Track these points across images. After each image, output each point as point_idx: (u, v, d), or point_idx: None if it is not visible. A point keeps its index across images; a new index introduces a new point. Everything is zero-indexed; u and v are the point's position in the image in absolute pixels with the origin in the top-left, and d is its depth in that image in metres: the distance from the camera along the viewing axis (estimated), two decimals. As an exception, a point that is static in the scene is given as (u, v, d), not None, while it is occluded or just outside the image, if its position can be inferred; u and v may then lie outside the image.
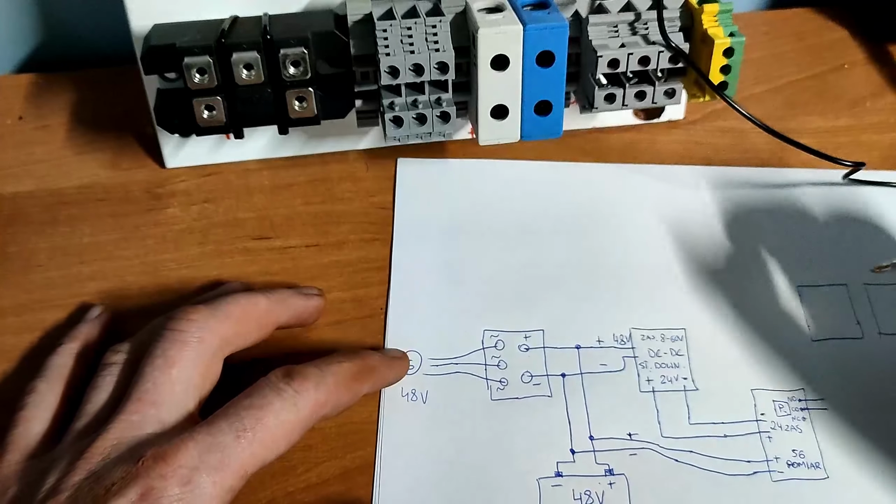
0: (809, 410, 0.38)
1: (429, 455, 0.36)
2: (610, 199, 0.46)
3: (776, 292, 0.42)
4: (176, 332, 0.34)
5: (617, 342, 0.40)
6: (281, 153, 0.48)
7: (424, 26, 0.40)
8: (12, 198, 0.46)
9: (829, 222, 0.46)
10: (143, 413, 0.32)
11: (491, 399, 0.38)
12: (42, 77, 0.53)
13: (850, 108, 0.52)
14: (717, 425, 0.38)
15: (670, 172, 0.48)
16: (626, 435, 0.37)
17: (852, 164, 0.45)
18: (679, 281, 0.43)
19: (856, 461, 0.37)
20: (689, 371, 0.39)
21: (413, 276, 0.43)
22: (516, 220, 0.45)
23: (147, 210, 0.46)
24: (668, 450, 0.37)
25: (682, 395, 0.39)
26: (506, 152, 0.49)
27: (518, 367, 0.39)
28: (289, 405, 0.32)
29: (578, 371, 0.39)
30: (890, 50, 0.56)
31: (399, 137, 0.42)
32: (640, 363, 0.40)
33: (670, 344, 0.40)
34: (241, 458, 0.31)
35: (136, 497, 0.29)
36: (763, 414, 0.38)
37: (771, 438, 0.37)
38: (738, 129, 0.50)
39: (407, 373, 0.39)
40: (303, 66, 0.40)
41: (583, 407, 0.38)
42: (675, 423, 0.37)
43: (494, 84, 0.41)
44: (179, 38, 0.40)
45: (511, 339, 0.40)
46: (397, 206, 0.46)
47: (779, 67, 0.55)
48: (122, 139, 0.49)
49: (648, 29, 0.43)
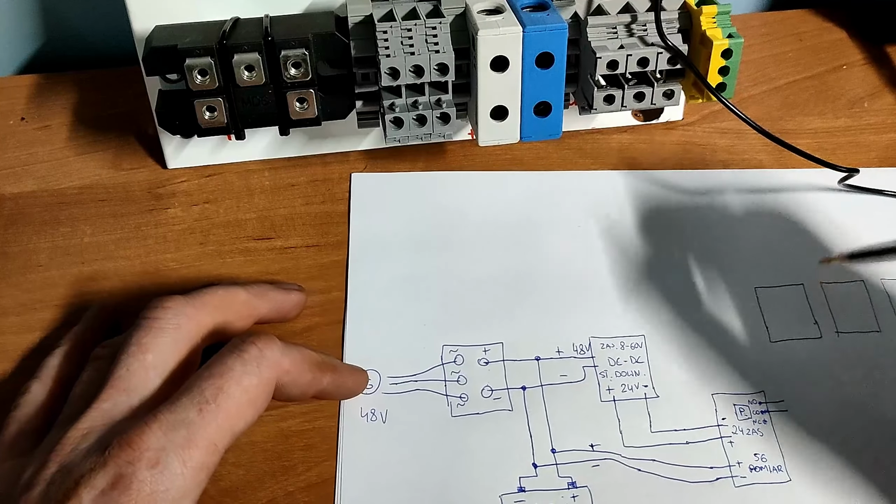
0: (770, 413, 0.38)
1: (389, 476, 0.36)
2: (567, 208, 0.46)
3: (734, 295, 0.42)
4: (150, 320, 0.34)
5: (576, 352, 0.40)
6: (282, 154, 0.48)
7: (424, 28, 0.40)
8: (14, 198, 0.46)
9: (785, 223, 0.45)
10: (115, 400, 0.32)
11: (451, 416, 0.38)
12: (44, 78, 0.54)
13: (848, 109, 0.52)
14: (678, 432, 0.37)
15: (625, 178, 0.48)
16: (589, 446, 0.37)
17: (847, 170, 0.45)
18: (638, 287, 0.42)
19: (817, 462, 0.37)
20: (650, 378, 0.39)
21: (370, 293, 0.42)
22: (474, 233, 0.45)
23: (148, 210, 0.46)
24: (630, 459, 0.36)
25: (643, 403, 0.38)
26: (505, 153, 0.49)
27: (478, 382, 0.39)
28: (251, 369, 0.32)
29: (539, 383, 0.39)
30: (888, 51, 0.56)
31: (399, 138, 0.42)
32: (600, 372, 0.39)
33: (630, 351, 0.40)
34: (208, 431, 0.30)
35: (106, 486, 0.29)
36: (724, 418, 0.38)
37: (733, 443, 0.37)
38: (737, 129, 0.50)
39: (365, 391, 0.38)
40: (304, 68, 0.40)
41: (544, 420, 0.37)
42: (636, 432, 0.37)
43: (494, 85, 0.41)
44: (181, 40, 0.40)
45: (470, 353, 0.40)
46: (353, 223, 0.45)
47: (777, 68, 0.55)
48: (124, 140, 0.49)
49: (647, 30, 0.43)
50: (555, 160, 0.49)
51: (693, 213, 0.46)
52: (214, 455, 0.31)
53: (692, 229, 0.45)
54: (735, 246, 0.44)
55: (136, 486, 0.29)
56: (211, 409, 0.31)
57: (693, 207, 0.46)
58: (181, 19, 0.42)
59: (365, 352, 0.39)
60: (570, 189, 0.47)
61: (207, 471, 0.31)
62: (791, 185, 0.47)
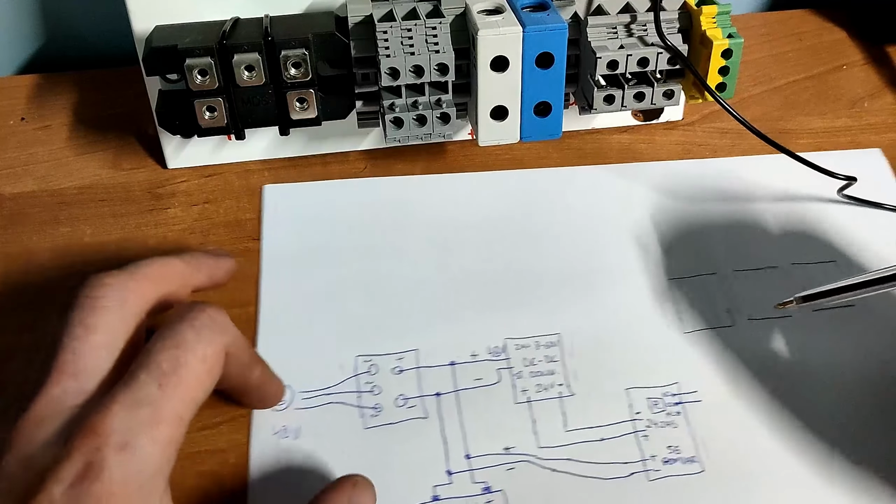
0: (684, 404, 0.38)
1: (302, 494, 0.33)
2: (476, 209, 0.45)
3: (648, 287, 0.42)
4: (93, 299, 0.32)
5: (491, 355, 0.39)
6: (282, 154, 0.48)
7: (424, 28, 0.40)
8: (14, 198, 0.46)
9: (698, 212, 0.45)
10: (64, 385, 0.30)
11: (364, 428, 0.37)
12: (44, 78, 0.54)
13: (848, 109, 0.52)
14: (593, 429, 0.37)
15: (536, 176, 0.47)
16: (503, 449, 0.36)
17: (846, 178, 0.45)
18: (553, 284, 0.42)
19: (730, 452, 0.36)
20: (564, 377, 0.39)
21: (283, 307, 0.41)
22: (386, 240, 0.44)
23: (148, 210, 0.46)
24: (544, 460, 0.36)
25: (558, 403, 0.38)
26: (505, 153, 0.49)
27: (392, 391, 0.38)
28: (205, 336, 0.31)
29: (453, 388, 0.38)
30: (888, 51, 0.56)
31: (399, 138, 0.42)
32: (514, 374, 0.39)
33: (545, 351, 0.40)
34: (172, 405, 0.29)
35: (74, 477, 0.27)
36: (638, 413, 0.37)
37: (647, 437, 0.37)
38: (737, 130, 0.50)
39: (276, 408, 0.37)
40: (304, 68, 0.40)
41: (458, 425, 0.37)
42: (551, 432, 0.37)
43: (494, 85, 0.41)
44: (181, 40, 0.40)
45: (384, 362, 0.39)
46: (265, 235, 0.44)
47: (777, 68, 0.55)
48: (124, 140, 0.49)
49: (647, 30, 0.43)
50: (555, 160, 0.49)
51: (607, 206, 0.46)
52: (181, 427, 0.30)
53: (606, 223, 0.45)
54: (649, 238, 0.44)
55: (107, 473, 0.27)
56: (172, 383, 0.29)
57: (605, 199, 0.46)
58: (181, 19, 0.42)
59: (277, 368, 0.37)
60: (482, 190, 0.46)
61: (176, 444, 0.29)
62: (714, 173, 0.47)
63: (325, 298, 0.41)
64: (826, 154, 0.48)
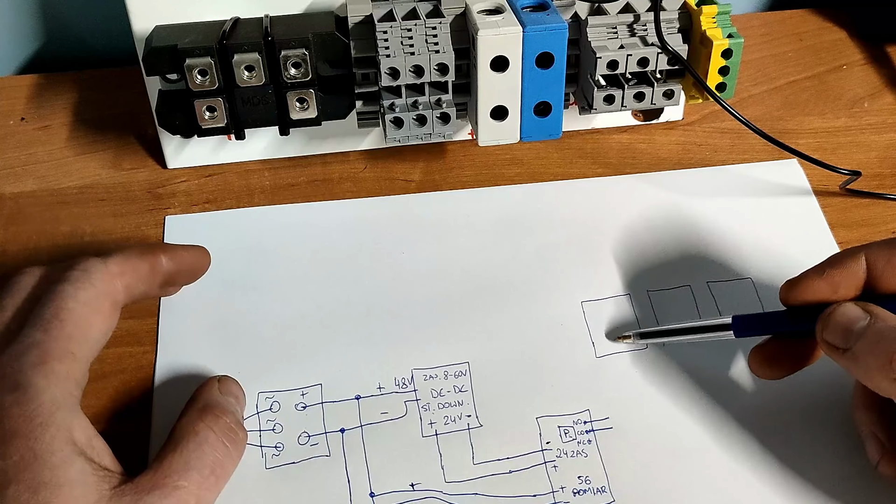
0: (595, 432, 0.37)
1: None
2: (384, 235, 0.44)
3: (561, 311, 0.41)
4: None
5: (398, 386, 0.38)
6: (282, 154, 0.48)
7: (424, 28, 0.40)
8: (14, 198, 0.46)
9: (614, 233, 0.44)
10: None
11: (265, 468, 0.35)
12: (44, 78, 0.54)
13: (848, 109, 0.52)
14: (501, 461, 0.36)
15: (445, 199, 0.46)
16: (409, 486, 0.35)
17: (849, 173, 0.45)
18: (462, 312, 0.41)
19: (640, 480, 0.35)
20: (473, 407, 0.37)
21: (182, 343, 0.39)
22: (289, 270, 0.42)
23: (148, 210, 0.46)
24: (451, 495, 0.35)
25: (467, 435, 0.37)
26: (504, 153, 0.49)
27: (294, 429, 0.37)
28: (82, 282, 0.32)
29: (358, 423, 0.37)
30: (888, 51, 0.56)
31: (399, 138, 0.42)
32: (422, 406, 0.37)
33: (454, 381, 0.38)
34: (59, 343, 0.31)
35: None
36: (549, 442, 0.36)
37: (556, 467, 0.36)
38: (737, 130, 0.50)
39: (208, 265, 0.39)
40: (304, 68, 0.40)
41: (363, 462, 0.36)
42: (459, 466, 0.36)
43: (494, 85, 0.41)
44: (181, 40, 0.40)
45: (287, 398, 0.38)
46: None
47: (777, 68, 0.55)
48: (124, 140, 0.49)
49: (647, 30, 0.43)
50: (555, 160, 0.49)
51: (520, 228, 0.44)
52: (76, 363, 0.31)
53: (518, 246, 0.44)
54: (563, 261, 0.43)
55: (2, 413, 0.29)
56: (55, 325, 0.31)
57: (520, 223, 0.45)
58: (181, 19, 0.42)
59: (176, 407, 0.35)
60: (387, 216, 0.45)
61: (75, 380, 0.31)
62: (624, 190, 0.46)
63: (224, 332, 0.40)
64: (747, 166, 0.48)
